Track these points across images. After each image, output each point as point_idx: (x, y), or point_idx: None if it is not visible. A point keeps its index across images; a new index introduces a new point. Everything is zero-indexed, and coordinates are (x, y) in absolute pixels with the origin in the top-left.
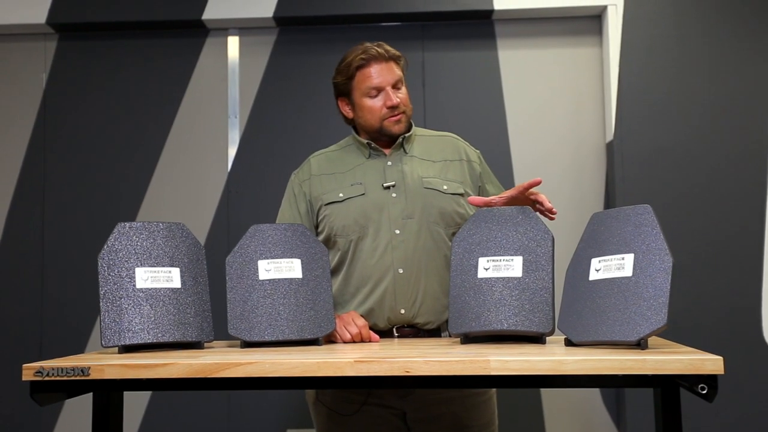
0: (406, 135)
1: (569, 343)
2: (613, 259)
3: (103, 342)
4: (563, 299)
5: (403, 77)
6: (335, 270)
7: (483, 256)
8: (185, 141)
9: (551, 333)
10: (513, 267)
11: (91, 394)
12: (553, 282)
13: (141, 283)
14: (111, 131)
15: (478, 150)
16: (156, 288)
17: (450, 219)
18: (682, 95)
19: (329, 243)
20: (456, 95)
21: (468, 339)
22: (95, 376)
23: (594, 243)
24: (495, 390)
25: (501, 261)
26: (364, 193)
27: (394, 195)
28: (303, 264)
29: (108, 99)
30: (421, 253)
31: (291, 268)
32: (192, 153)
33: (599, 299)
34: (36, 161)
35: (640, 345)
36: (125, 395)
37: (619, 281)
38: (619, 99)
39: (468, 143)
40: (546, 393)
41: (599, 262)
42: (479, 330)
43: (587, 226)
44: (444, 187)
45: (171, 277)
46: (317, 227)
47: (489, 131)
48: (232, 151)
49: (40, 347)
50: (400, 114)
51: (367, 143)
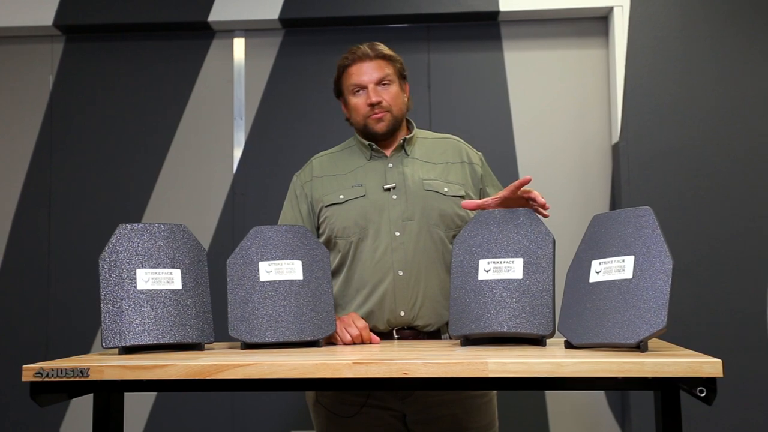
0: (407, 137)
1: (569, 346)
2: (614, 261)
3: (104, 343)
4: (563, 301)
5: (396, 77)
6: (336, 271)
7: (484, 258)
8: (191, 143)
9: (552, 335)
10: (514, 269)
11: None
12: (554, 284)
13: (142, 285)
14: (117, 132)
15: (480, 152)
16: (157, 289)
17: (450, 221)
18: (688, 97)
19: (330, 244)
20: (461, 97)
21: (468, 341)
22: (94, 377)
23: (594, 245)
24: (495, 392)
25: (502, 263)
26: (364, 195)
27: (394, 197)
28: (304, 266)
29: (114, 100)
30: (421, 256)
31: (292, 269)
32: (197, 155)
33: (599, 301)
34: (42, 162)
35: (639, 347)
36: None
37: (620, 283)
38: (625, 101)
39: (470, 146)
40: (550, 395)
41: (599, 264)
42: (479, 332)
43: (588, 228)
44: (445, 189)
45: (172, 279)
46: (318, 229)
47: (494, 133)
48: (237, 153)
49: (46, 348)
50: (382, 112)
51: (369, 144)
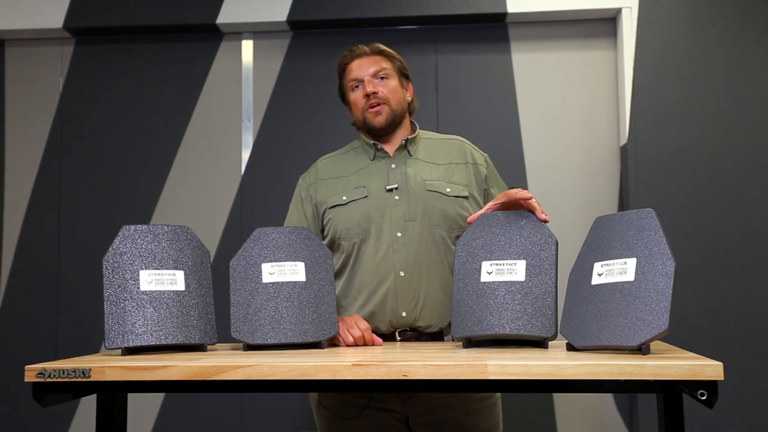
0: (409, 137)
1: (571, 348)
2: (616, 264)
3: (107, 344)
4: (565, 303)
5: (394, 73)
6: (339, 272)
7: (486, 260)
8: (199, 144)
9: (554, 337)
10: (516, 271)
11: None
12: (557, 286)
13: (145, 286)
14: (126, 134)
15: (486, 153)
16: (160, 291)
17: (453, 222)
18: (696, 98)
19: (334, 246)
20: (469, 98)
21: (470, 343)
22: (96, 377)
23: (597, 247)
24: (500, 395)
25: (504, 265)
26: (366, 196)
27: (396, 198)
28: (306, 267)
29: (123, 102)
30: (423, 256)
31: (294, 271)
32: (206, 156)
33: (601, 304)
34: (52, 164)
35: (641, 350)
36: (139, 397)
37: (621, 286)
38: (634, 102)
39: (476, 146)
40: (558, 397)
41: (602, 266)
42: (481, 334)
43: (590, 230)
44: (447, 190)
45: (175, 280)
46: (323, 230)
47: (502, 134)
48: (245, 155)
49: (55, 349)
50: (379, 105)
51: (373, 144)
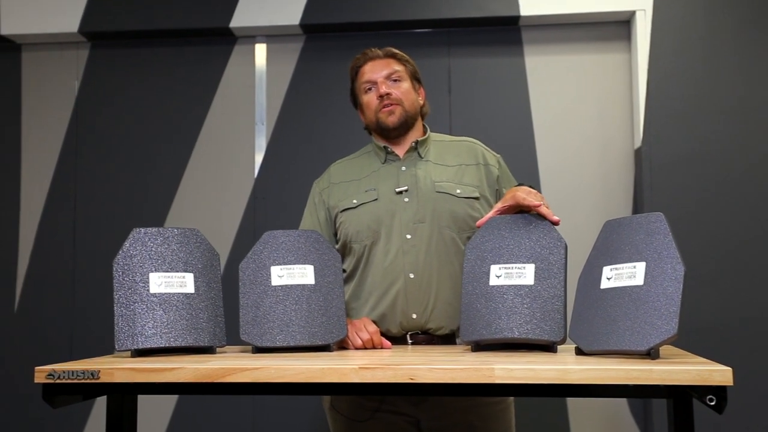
0: (419, 139)
1: (580, 352)
2: (625, 268)
3: (117, 346)
4: (574, 307)
5: (407, 76)
6: (351, 275)
7: (495, 263)
8: (213, 147)
9: (563, 341)
10: (525, 275)
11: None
12: (566, 290)
13: (155, 288)
14: (140, 137)
15: (499, 155)
16: (169, 293)
17: (463, 223)
18: (711, 101)
19: (346, 249)
20: (482, 102)
21: (479, 347)
22: (105, 379)
23: (606, 251)
24: (512, 399)
25: (513, 268)
26: (376, 199)
27: (406, 200)
28: (316, 270)
29: (137, 106)
30: (433, 258)
31: (303, 274)
32: (219, 159)
33: (610, 308)
34: (68, 167)
35: (650, 354)
36: (152, 400)
37: (630, 290)
38: (648, 105)
39: (488, 148)
40: (572, 401)
41: (611, 270)
42: (490, 338)
43: (600, 233)
44: (457, 191)
45: (184, 282)
46: (336, 235)
47: (515, 138)
48: (258, 158)
49: (70, 350)
50: (392, 105)
51: (384, 147)
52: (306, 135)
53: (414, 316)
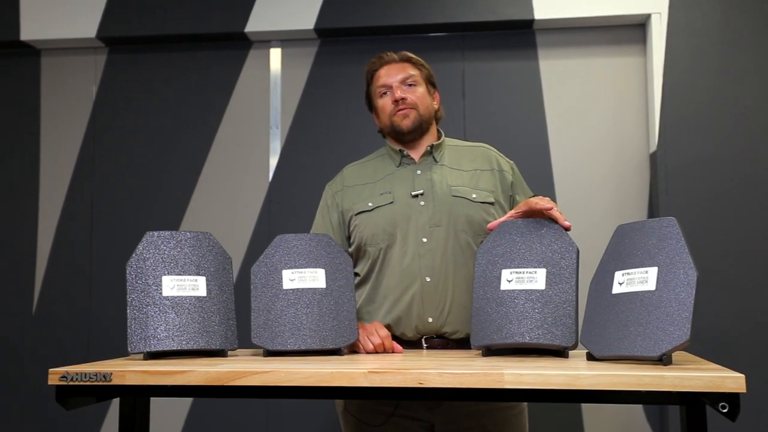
0: (434, 143)
1: (591, 358)
2: (637, 273)
3: (129, 348)
4: (586, 312)
5: (422, 80)
6: (366, 278)
7: (506, 268)
8: (228, 151)
9: (574, 347)
10: (536, 279)
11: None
12: (578, 295)
13: (167, 291)
14: (157, 141)
15: (512, 161)
16: (181, 296)
17: (478, 227)
18: (727, 105)
19: (360, 252)
20: (496, 105)
21: (490, 351)
22: (117, 381)
23: (618, 256)
24: (526, 404)
25: (524, 273)
26: (392, 202)
27: (422, 203)
28: (327, 274)
29: (154, 110)
30: (449, 262)
31: (315, 277)
32: (234, 163)
33: (622, 313)
34: (85, 170)
35: (662, 360)
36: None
37: (642, 295)
38: (663, 109)
39: (502, 154)
40: (587, 407)
41: (622, 275)
42: (501, 342)
43: (611, 238)
44: (473, 196)
45: (197, 286)
46: (349, 238)
47: (529, 142)
48: (273, 162)
49: (87, 353)
50: (407, 108)
51: (399, 150)
52: (320, 139)
53: (430, 319)
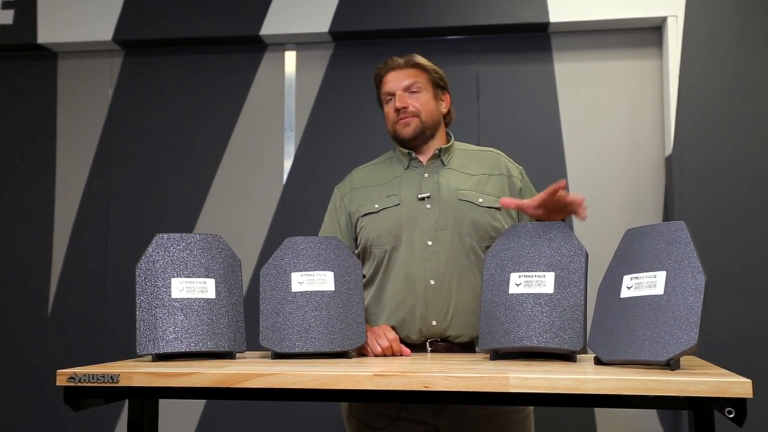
0: (443, 147)
1: (599, 362)
2: (645, 277)
3: (138, 350)
4: (594, 316)
5: (428, 85)
6: (371, 280)
7: (515, 271)
8: (242, 154)
9: (583, 351)
10: (545, 283)
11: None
12: (586, 299)
13: (176, 293)
14: (172, 144)
15: (521, 166)
16: (191, 298)
17: (484, 232)
18: (743, 108)
19: (366, 254)
20: (511, 109)
21: (498, 355)
22: (124, 383)
23: (626, 260)
24: (532, 408)
25: (533, 277)
26: (398, 204)
27: (428, 206)
28: (336, 277)
29: (169, 112)
30: (454, 265)
31: (323, 280)
32: (249, 165)
33: (630, 317)
34: (101, 172)
35: (669, 365)
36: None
37: (650, 299)
38: (679, 112)
39: (511, 159)
40: (600, 410)
41: (631, 279)
42: (509, 346)
43: (620, 242)
44: (479, 200)
45: (206, 288)
46: (356, 240)
47: (544, 145)
48: (287, 164)
49: (101, 353)
50: (408, 117)
51: (408, 153)
52: (335, 142)
53: (434, 323)
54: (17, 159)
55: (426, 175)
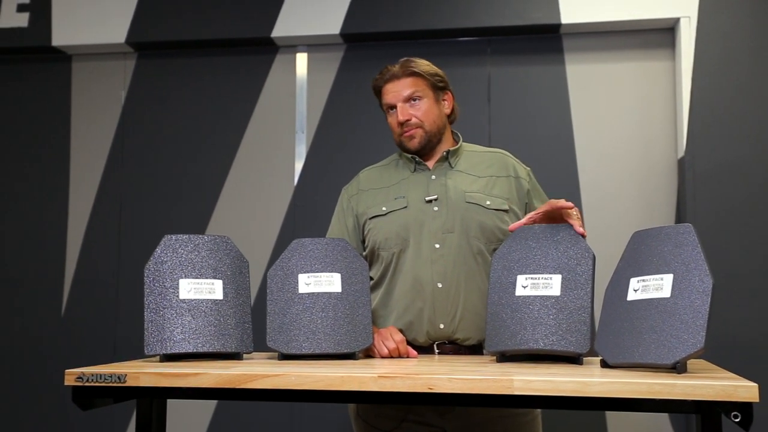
0: (451, 149)
1: (605, 365)
2: (652, 280)
3: (146, 350)
4: (601, 319)
5: (428, 90)
6: (378, 283)
7: (522, 273)
8: (254, 155)
9: (589, 354)
10: (551, 285)
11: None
12: (593, 302)
13: (184, 294)
14: (184, 145)
15: (529, 167)
16: (198, 299)
17: (491, 234)
18: (756, 110)
19: (373, 256)
20: (522, 110)
21: (504, 357)
22: (131, 383)
23: (633, 262)
24: (539, 411)
25: (539, 279)
26: (406, 207)
27: (435, 209)
28: (343, 278)
29: (181, 114)
30: (461, 268)
31: (330, 282)
32: (260, 167)
33: (636, 320)
34: (114, 174)
35: (676, 368)
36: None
37: (657, 302)
38: (692, 114)
39: (518, 160)
40: (611, 416)
41: (638, 282)
42: (515, 349)
43: (627, 244)
44: (487, 203)
45: (213, 289)
46: (364, 242)
47: (556, 147)
48: (298, 166)
49: (114, 353)
50: (412, 129)
51: (412, 157)
52: (346, 143)
53: (441, 325)
54: (32, 161)
55: (433, 177)
